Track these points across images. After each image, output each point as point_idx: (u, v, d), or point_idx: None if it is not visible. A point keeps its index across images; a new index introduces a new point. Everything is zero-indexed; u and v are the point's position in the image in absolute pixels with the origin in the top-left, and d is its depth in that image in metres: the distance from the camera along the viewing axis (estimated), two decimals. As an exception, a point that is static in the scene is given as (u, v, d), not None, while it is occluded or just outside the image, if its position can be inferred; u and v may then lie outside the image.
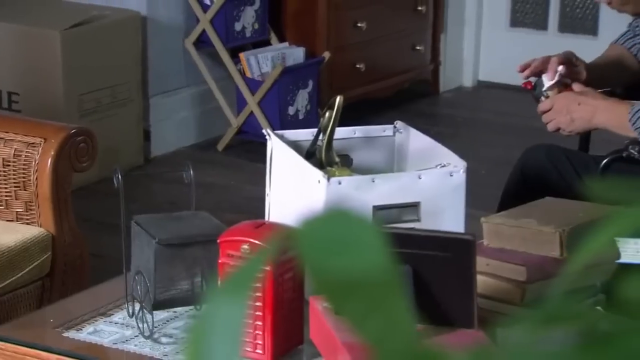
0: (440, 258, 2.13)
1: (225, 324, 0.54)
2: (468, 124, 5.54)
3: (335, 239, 0.53)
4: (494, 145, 3.43)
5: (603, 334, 0.60)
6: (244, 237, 2.27)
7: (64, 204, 3.19)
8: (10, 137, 3.20)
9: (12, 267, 3.04)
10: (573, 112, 2.82)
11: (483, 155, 2.95)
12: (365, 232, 0.54)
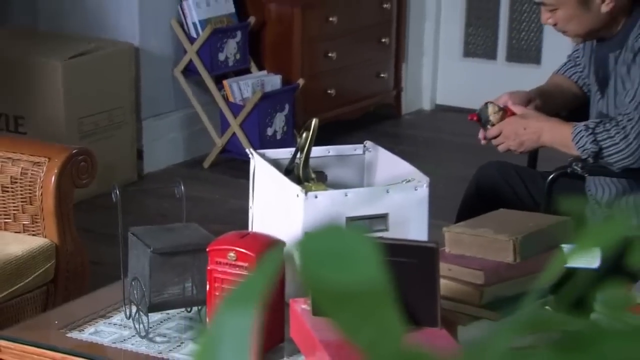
0: (408, 264, 2.12)
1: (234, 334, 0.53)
2: (428, 143, 5.55)
3: (331, 253, 0.52)
4: (451, 162, 3.43)
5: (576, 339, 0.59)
6: (230, 246, 2.26)
7: (66, 217, 3.17)
8: (17, 157, 3.18)
9: (19, 274, 3.03)
10: (521, 135, 2.81)
11: (442, 171, 2.95)
12: (360, 246, 0.53)
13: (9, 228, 3.19)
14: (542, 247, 2.26)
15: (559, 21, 2.82)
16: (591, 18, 2.77)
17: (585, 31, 2.83)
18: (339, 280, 0.51)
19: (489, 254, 2.21)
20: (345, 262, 0.52)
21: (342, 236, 0.54)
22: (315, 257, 0.52)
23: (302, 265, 0.53)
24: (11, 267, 3.01)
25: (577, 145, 2.74)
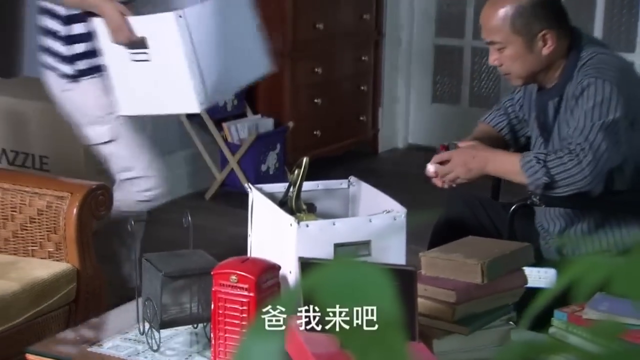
0: (389, 285, 2.10)
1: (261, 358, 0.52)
2: (401, 177, 5.54)
3: (346, 286, 0.51)
4: (422, 194, 3.41)
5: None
6: (232, 270, 2.25)
7: (86, 245, 3.16)
8: (43, 192, 3.17)
9: (45, 295, 3.01)
10: (469, 163, 2.77)
11: (415, 202, 2.93)
12: (372, 280, 0.52)
13: (36, 254, 3.17)
14: (506, 269, 2.25)
15: (504, 61, 2.77)
16: (533, 60, 2.72)
17: (527, 72, 2.77)
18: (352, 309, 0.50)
19: (460, 276, 2.20)
20: (359, 293, 0.50)
21: (357, 269, 0.53)
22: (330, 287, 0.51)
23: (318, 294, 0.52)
24: (38, 289, 3.00)
25: (528, 174, 2.67)
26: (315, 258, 2.27)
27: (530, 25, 2.68)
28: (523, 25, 2.68)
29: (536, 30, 2.68)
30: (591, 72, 2.66)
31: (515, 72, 2.77)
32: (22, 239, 3.20)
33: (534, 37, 2.68)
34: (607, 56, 2.72)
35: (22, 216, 3.19)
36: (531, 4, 2.68)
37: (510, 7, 2.68)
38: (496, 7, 2.71)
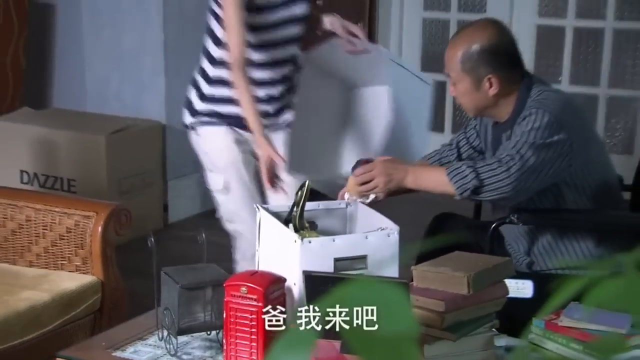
0: (384, 296, 2.09)
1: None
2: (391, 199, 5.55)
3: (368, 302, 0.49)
4: (412, 214, 3.41)
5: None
6: (242, 282, 2.24)
7: (110, 259, 3.17)
8: (71, 212, 3.18)
9: (72, 305, 3.01)
10: (391, 173, 2.71)
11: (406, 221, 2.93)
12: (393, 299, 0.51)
13: (64, 268, 3.17)
14: (489, 281, 2.24)
15: (457, 95, 2.79)
16: (480, 98, 2.73)
17: (475, 107, 2.78)
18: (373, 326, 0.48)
19: (448, 287, 2.19)
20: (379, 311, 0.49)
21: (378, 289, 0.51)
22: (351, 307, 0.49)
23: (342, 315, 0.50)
24: (66, 299, 2.99)
25: (455, 180, 2.63)
26: (317, 271, 2.26)
27: (477, 69, 2.70)
28: (471, 68, 2.70)
29: (482, 74, 2.70)
30: (534, 105, 2.67)
31: (466, 106, 2.80)
32: (52, 254, 3.20)
33: (481, 79, 2.70)
34: (552, 93, 2.73)
35: (52, 234, 3.19)
36: (480, 50, 2.69)
37: (462, 49, 2.70)
38: (454, 47, 2.74)
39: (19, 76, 5.05)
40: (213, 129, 3.17)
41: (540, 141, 2.60)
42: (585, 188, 2.72)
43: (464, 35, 2.77)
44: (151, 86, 5.01)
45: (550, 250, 2.78)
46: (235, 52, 2.94)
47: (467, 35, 2.75)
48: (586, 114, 2.86)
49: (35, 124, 4.79)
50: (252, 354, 2.23)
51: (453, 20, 5.95)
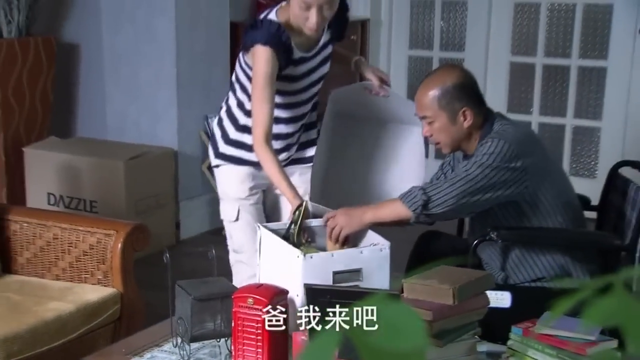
0: (377, 306, 2.08)
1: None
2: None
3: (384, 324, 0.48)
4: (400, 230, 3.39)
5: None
6: (249, 294, 2.23)
7: (128, 273, 3.15)
8: (94, 230, 3.16)
9: (95, 314, 2.99)
10: (351, 216, 2.65)
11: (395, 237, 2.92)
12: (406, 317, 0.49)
13: (87, 281, 3.16)
14: (472, 293, 2.23)
15: (434, 132, 2.75)
16: (457, 131, 2.72)
17: (452, 141, 2.76)
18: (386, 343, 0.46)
19: (435, 298, 2.17)
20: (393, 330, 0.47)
21: (390, 310, 0.50)
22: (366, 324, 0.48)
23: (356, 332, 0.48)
24: (89, 310, 2.98)
25: (406, 201, 2.62)
26: (317, 284, 2.25)
27: (452, 104, 2.70)
28: (446, 103, 2.69)
29: (457, 108, 2.70)
30: (493, 135, 2.67)
31: (443, 141, 2.76)
32: (77, 268, 3.18)
33: (456, 113, 2.70)
34: (511, 126, 2.72)
35: (77, 250, 3.17)
36: (453, 87, 2.70)
37: (437, 89, 2.70)
38: (427, 89, 2.72)
39: (47, 108, 5.05)
40: (233, 166, 3.04)
41: (494, 164, 2.59)
42: (546, 208, 2.71)
43: (435, 78, 2.77)
44: (165, 117, 5.01)
45: (521, 264, 2.76)
46: (261, 129, 2.75)
47: (438, 77, 2.75)
48: (543, 144, 2.85)
49: (61, 151, 4.78)
50: (259, 358, 2.22)
51: (435, 58, 5.96)
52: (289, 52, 2.79)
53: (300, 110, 3.02)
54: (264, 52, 2.72)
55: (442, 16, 5.88)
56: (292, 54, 2.81)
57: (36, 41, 4.87)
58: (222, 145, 3.05)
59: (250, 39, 2.77)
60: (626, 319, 0.45)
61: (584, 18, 5.43)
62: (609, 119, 5.44)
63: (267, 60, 2.72)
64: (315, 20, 2.70)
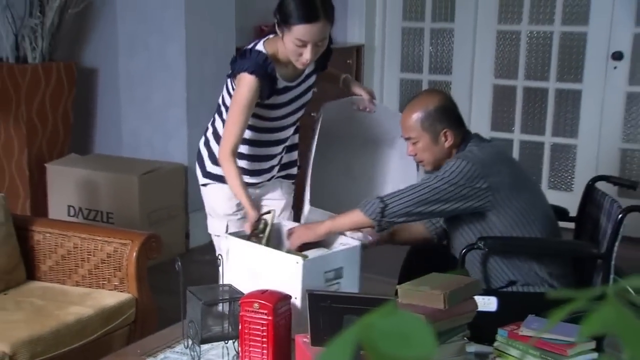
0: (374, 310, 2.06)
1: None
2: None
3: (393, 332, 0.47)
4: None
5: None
6: (255, 299, 2.22)
7: (143, 279, 3.14)
8: (110, 240, 3.16)
9: (111, 318, 2.98)
10: (308, 228, 2.67)
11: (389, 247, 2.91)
12: (416, 328, 0.48)
13: (105, 287, 3.14)
14: (462, 298, 2.21)
15: (418, 152, 2.74)
16: (439, 150, 2.71)
17: (435, 160, 2.74)
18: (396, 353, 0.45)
19: (428, 303, 2.16)
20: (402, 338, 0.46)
21: (400, 318, 0.48)
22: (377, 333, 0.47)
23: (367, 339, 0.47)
24: (106, 313, 2.97)
25: (365, 209, 2.58)
26: (318, 290, 2.23)
27: (434, 126, 2.70)
28: (429, 125, 2.70)
29: (439, 129, 2.70)
30: (460, 155, 2.66)
31: (426, 159, 2.76)
32: (95, 275, 3.17)
33: (438, 134, 2.70)
34: (479, 148, 2.70)
35: (95, 258, 3.16)
36: (435, 110, 2.70)
37: (420, 112, 2.70)
38: (411, 112, 2.72)
39: (67, 128, 5.04)
40: (220, 185, 2.96)
41: (454, 180, 2.58)
42: (518, 220, 2.69)
43: (418, 102, 2.76)
44: (176, 135, 5.00)
45: (501, 270, 2.75)
46: (229, 146, 2.73)
47: (421, 101, 2.75)
48: (514, 162, 2.84)
49: (81, 167, 4.78)
50: (264, 359, 2.20)
51: (425, 80, 5.97)
52: (273, 82, 2.75)
53: (284, 134, 2.97)
54: (249, 80, 2.68)
55: (430, 42, 5.89)
56: (276, 84, 2.76)
57: (58, 66, 4.87)
58: (209, 165, 3.00)
59: (239, 67, 2.72)
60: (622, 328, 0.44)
61: (561, 44, 5.44)
62: (584, 137, 5.44)
63: (250, 88, 2.68)
64: (309, 56, 2.64)
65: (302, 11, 2.60)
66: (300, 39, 2.61)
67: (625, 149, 5.36)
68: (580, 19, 5.35)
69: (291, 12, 2.61)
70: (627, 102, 5.30)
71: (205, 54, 4.96)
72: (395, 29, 5.99)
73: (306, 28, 2.60)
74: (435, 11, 5.81)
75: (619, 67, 5.25)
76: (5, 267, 3.11)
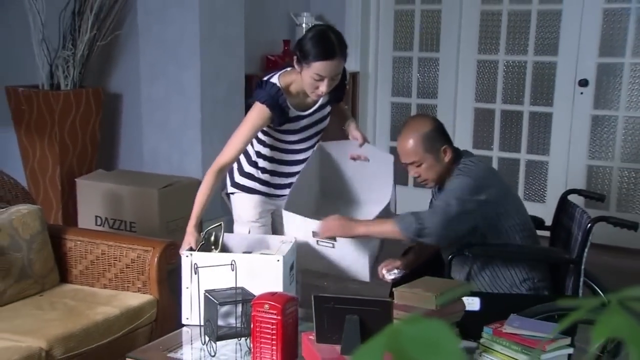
0: (373, 311, 2.05)
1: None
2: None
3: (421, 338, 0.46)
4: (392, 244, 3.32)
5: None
6: (266, 301, 2.21)
7: (164, 282, 3.12)
8: (134, 247, 3.14)
9: (135, 317, 2.96)
10: (344, 225, 2.63)
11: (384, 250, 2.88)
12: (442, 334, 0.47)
13: (129, 289, 3.13)
14: (451, 299, 2.21)
15: (422, 173, 2.70)
16: (441, 167, 2.70)
17: (438, 176, 2.73)
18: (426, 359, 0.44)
19: (421, 304, 2.15)
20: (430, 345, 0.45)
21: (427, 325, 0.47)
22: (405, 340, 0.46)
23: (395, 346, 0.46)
24: (131, 313, 2.95)
25: (401, 227, 2.55)
26: (323, 294, 2.22)
27: (434, 145, 2.68)
28: (430, 146, 2.67)
29: (439, 147, 2.69)
30: (460, 172, 2.66)
31: (431, 178, 2.73)
32: (120, 279, 3.15)
33: (438, 152, 2.69)
34: (474, 163, 2.70)
35: (120, 264, 3.14)
36: (430, 131, 2.68)
37: (418, 136, 2.67)
38: (408, 138, 2.68)
39: (95, 146, 5.03)
40: (245, 194, 3.01)
41: (462, 196, 2.57)
42: (505, 229, 2.69)
43: (413, 128, 2.72)
44: (191, 152, 4.99)
45: (482, 274, 2.74)
46: (222, 161, 2.72)
47: (415, 127, 2.71)
48: (501, 176, 2.83)
49: (107, 181, 4.76)
50: (273, 354, 2.19)
51: (413, 104, 5.97)
52: (285, 112, 2.74)
53: (301, 156, 2.96)
54: (260, 108, 2.70)
55: (418, 70, 5.90)
56: (287, 113, 2.75)
57: (87, 92, 4.87)
58: (237, 176, 3.04)
59: (255, 96, 2.75)
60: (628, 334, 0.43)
61: (534, 72, 5.45)
62: (554, 154, 5.44)
63: (259, 115, 2.70)
64: (325, 89, 2.64)
65: (321, 49, 2.60)
66: (318, 73, 2.60)
67: (591, 165, 5.36)
68: (550, 50, 5.36)
69: (310, 50, 2.60)
70: (593, 124, 5.30)
71: (217, 80, 4.96)
72: (387, 58, 6.00)
73: (324, 64, 2.59)
74: (422, 42, 5.82)
75: (585, 92, 5.26)
76: (41, 271, 3.09)
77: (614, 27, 5.14)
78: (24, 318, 2.79)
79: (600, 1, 5.12)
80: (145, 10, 4.93)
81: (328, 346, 2.09)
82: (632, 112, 5.17)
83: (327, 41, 2.61)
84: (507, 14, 5.47)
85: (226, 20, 4.93)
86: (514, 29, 5.47)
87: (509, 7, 5.45)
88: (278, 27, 5.60)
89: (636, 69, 5.12)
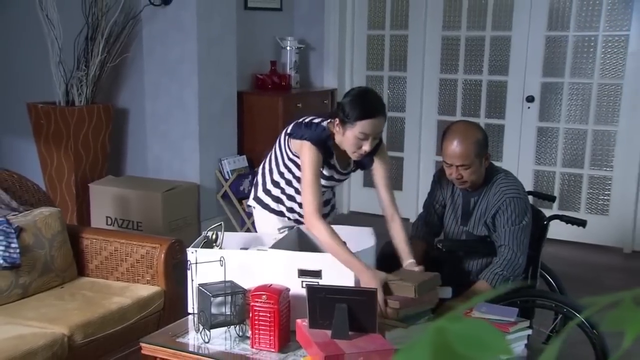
0: (359, 300, 2.02)
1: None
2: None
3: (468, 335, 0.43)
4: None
5: None
6: (263, 292, 2.17)
7: (169, 275, 3.06)
8: (143, 244, 3.09)
9: (145, 306, 2.91)
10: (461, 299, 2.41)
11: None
12: (488, 331, 0.44)
13: (139, 282, 3.07)
14: (428, 289, 2.19)
15: (465, 175, 2.53)
16: (482, 171, 2.58)
17: (479, 179, 2.56)
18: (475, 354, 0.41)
19: (401, 292, 2.13)
20: (477, 341, 0.42)
21: (470, 323, 0.45)
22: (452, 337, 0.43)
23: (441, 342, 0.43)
24: (142, 303, 2.90)
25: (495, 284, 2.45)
26: (316, 285, 2.19)
27: (482, 152, 2.55)
28: (480, 151, 2.54)
29: (483, 153, 2.56)
30: (510, 192, 2.53)
31: (473, 180, 2.57)
32: (131, 272, 3.09)
33: (482, 158, 2.56)
34: (513, 180, 2.60)
35: (131, 259, 3.09)
36: (482, 138, 2.55)
37: (474, 142, 2.52)
38: (466, 144, 2.52)
39: (105, 155, 4.95)
40: (265, 212, 2.75)
41: (523, 223, 2.50)
42: None
43: (470, 133, 2.54)
44: (190, 160, 4.94)
45: (454, 266, 2.72)
46: (312, 206, 2.38)
47: (472, 132, 2.56)
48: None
49: (116, 186, 4.69)
50: (270, 341, 2.15)
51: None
52: (329, 156, 2.50)
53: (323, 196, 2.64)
54: (312, 149, 2.42)
55: (388, 87, 5.90)
56: (329, 161, 2.52)
57: (99, 107, 4.79)
58: (259, 191, 2.77)
59: (302, 133, 2.46)
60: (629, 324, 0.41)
61: (488, 89, 5.47)
62: (507, 160, 5.46)
63: (314, 155, 2.41)
64: (368, 148, 2.38)
65: (366, 108, 2.36)
66: (363, 132, 2.36)
67: (537, 169, 5.39)
68: (502, 70, 5.39)
69: (354, 110, 2.36)
70: (538, 134, 5.34)
71: (213, 97, 4.92)
72: (360, 76, 5.99)
73: (369, 122, 2.34)
74: (391, 63, 5.82)
75: (531, 107, 5.30)
76: (62, 266, 3.03)
77: (555, 51, 5.18)
78: (48, 307, 2.74)
79: (543, 29, 5.16)
80: (150, 35, 4.88)
81: (320, 331, 2.05)
82: (571, 124, 5.22)
83: (369, 101, 2.39)
84: (465, 39, 5.49)
85: (221, 43, 4.89)
86: (470, 52, 5.49)
87: (466, 33, 5.47)
88: (265, 49, 5.57)
89: (574, 87, 5.17)
